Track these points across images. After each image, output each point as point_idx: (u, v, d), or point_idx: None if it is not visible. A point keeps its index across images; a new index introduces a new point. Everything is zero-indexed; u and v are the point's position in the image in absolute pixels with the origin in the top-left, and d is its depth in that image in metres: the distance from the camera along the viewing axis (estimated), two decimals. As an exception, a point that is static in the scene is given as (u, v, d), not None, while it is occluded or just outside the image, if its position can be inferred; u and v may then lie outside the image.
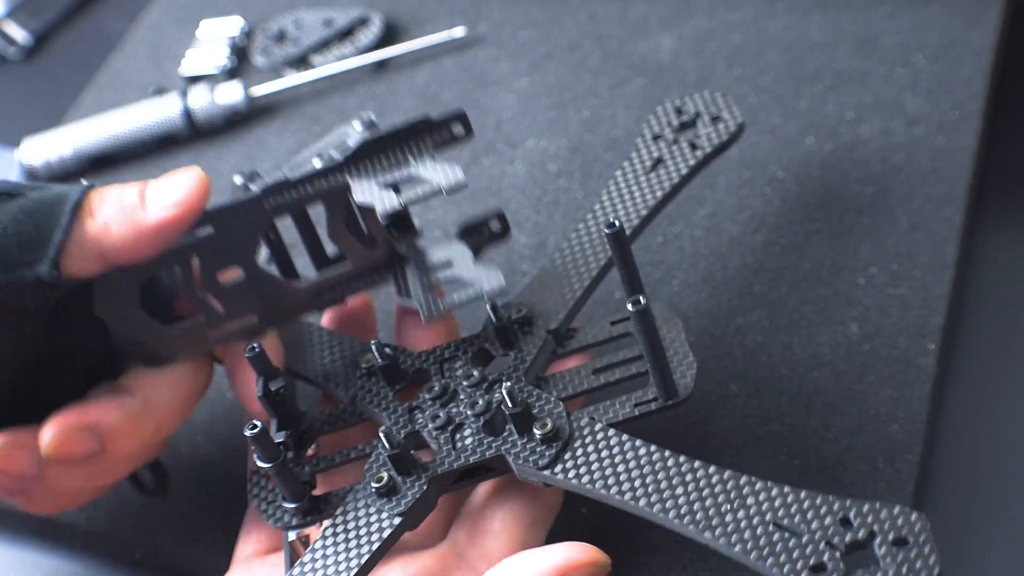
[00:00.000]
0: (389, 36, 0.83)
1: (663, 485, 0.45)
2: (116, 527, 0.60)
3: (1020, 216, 0.68)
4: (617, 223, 0.48)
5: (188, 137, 0.79)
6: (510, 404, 0.48)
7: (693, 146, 0.59)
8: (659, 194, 0.57)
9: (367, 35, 0.82)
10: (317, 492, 0.52)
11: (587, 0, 0.81)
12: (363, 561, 0.47)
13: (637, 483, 0.45)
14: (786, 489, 0.43)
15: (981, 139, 0.68)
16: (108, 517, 0.60)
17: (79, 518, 0.60)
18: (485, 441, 0.49)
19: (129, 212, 0.48)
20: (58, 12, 0.94)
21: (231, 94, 0.79)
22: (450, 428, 0.50)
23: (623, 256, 0.49)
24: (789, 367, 0.59)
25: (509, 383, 0.49)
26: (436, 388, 0.51)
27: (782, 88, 0.72)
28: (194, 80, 0.83)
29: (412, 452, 0.49)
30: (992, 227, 0.67)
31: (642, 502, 0.45)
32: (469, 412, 0.50)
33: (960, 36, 0.73)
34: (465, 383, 0.51)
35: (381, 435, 0.48)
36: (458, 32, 0.80)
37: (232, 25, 0.86)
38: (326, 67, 0.81)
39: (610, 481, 0.46)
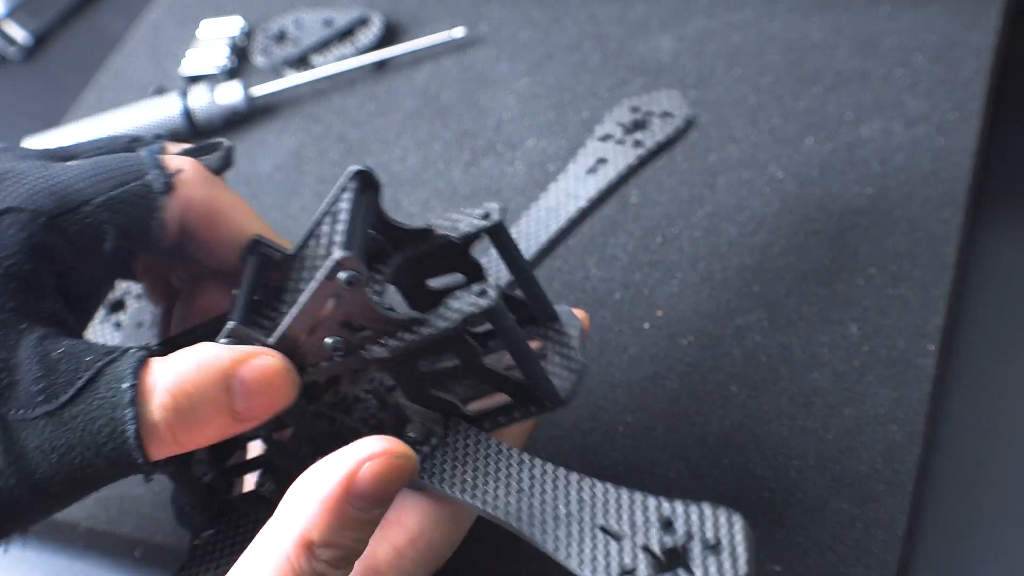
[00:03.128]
0: (389, 36, 0.83)
1: (502, 483, 0.44)
2: (116, 526, 0.60)
3: (1020, 217, 0.68)
4: (496, 216, 0.47)
5: (188, 137, 0.79)
6: (378, 408, 0.47)
7: (638, 143, 0.58)
8: (593, 193, 0.56)
9: (367, 35, 0.82)
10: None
11: (587, 1, 0.81)
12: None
13: (480, 482, 0.44)
14: (617, 490, 0.42)
15: (981, 140, 0.68)
16: (108, 516, 0.60)
17: (79, 516, 0.60)
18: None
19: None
20: (58, 12, 0.94)
21: (231, 94, 0.79)
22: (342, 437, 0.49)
23: (505, 252, 0.49)
24: (788, 367, 0.59)
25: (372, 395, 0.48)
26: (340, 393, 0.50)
27: (782, 89, 0.72)
28: (194, 80, 0.84)
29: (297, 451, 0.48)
30: (992, 228, 0.67)
31: (479, 501, 0.43)
32: (357, 417, 0.49)
33: (960, 37, 0.73)
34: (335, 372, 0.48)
35: (251, 448, 0.48)
36: (458, 32, 0.80)
37: (232, 25, 0.86)
38: (326, 67, 0.81)
39: (466, 485, 0.44)
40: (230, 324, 0.44)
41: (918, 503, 0.56)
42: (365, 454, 0.42)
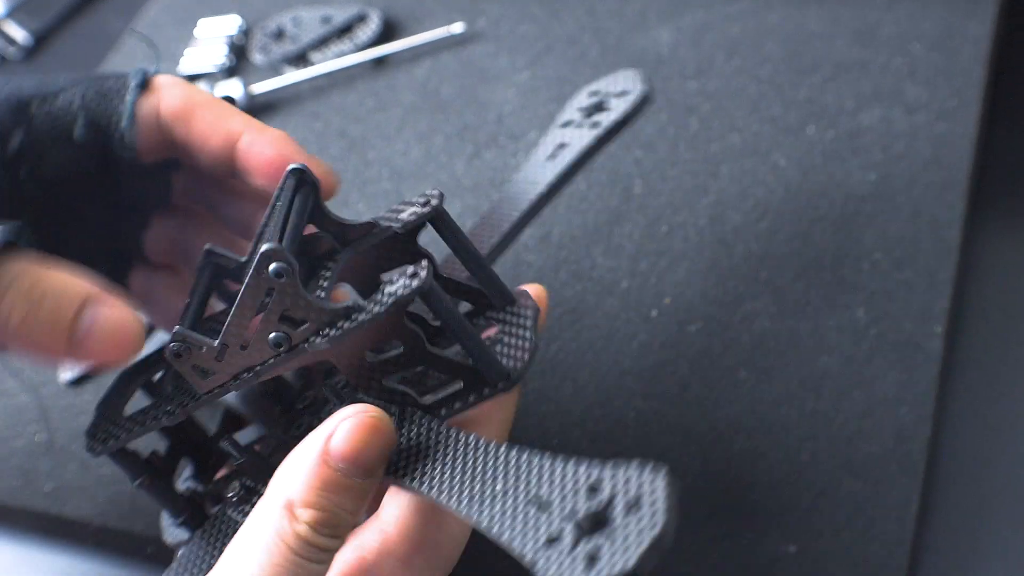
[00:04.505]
0: (387, 33, 0.83)
1: (448, 468, 0.43)
2: (128, 524, 0.60)
3: (1021, 201, 0.68)
4: (435, 202, 0.48)
5: (188, 135, 0.79)
6: (338, 402, 0.47)
7: (595, 125, 0.57)
8: (551, 178, 0.55)
9: (365, 32, 0.83)
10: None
11: (585, -6, 0.81)
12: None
13: (429, 470, 0.43)
14: (553, 461, 0.41)
15: (981, 125, 0.68)
16: (120, 513, 0.60)
17: (91, 515, 0.60)
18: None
19: None
20: (58, 12, 0.94)
21: (230, 92, 0.79)
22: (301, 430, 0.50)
23: (449, 237, 0.49)
24: (796, 352, 0.59)
25: (334, 382, 0.48)
26: (309, 397, 0.51)
27: (782, 78, 0.73)
28: (193, 79, 0.84)
29: (268, 457, 0.49)
30: (994, 212, 0.67)
31: (425, 487, 0.43)
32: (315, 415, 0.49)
33: (957, 25, 0.73)
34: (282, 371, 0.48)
35: (226, 446, 0.47)
36: (457, 28, 0.80)
37: (230, 24, 0.86)
38: (325, 64, 0.81)
39: (423, 475, 0.43)
40: (176, 328, 0.45)
41: (930, 483, 0.56)
42: (340, 417, 0.42)
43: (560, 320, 0.63)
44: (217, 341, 0.45)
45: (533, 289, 0.50)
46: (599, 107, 0.59)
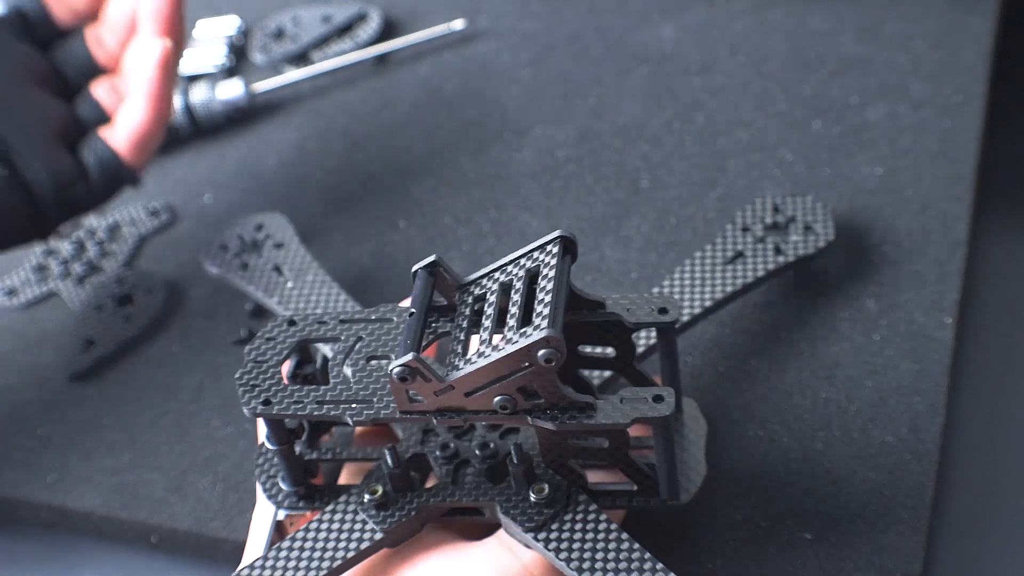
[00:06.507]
0: (388, 31, 0.83)
1: (600, 562, 0.45)
2: (132, 513, 0.59)
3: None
4: (671, 316, 0.48)
5: (190, 134, 0.79)
6: (515, 460, 0.47)
7: (778, 250, 0.59)
8: (728, 289, 0.57)
9: (366, 31, 0.82)
10: (318, 481, 0.52)
11: (586, -7, 0.81)
12: (334, 565, 0.47)
13: (587, 557, 0.45)
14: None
15: (986, 120, 0.68)
16: (123, 503, 0.60)
17: (95, 504, 0.60)
18: (483, 486, 0.48)
19: None
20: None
21: (232, 91, 0.78)
22: (455, 461, 0.49)
23: (667, 350, 0.50)
24: (809, 342, 0.59)
25: (520, 440, 0.49)
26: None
27: (786, 74, 0.73)
28: (193, 79, 0.83)
29: (412, 473, 0.49)
30: (1001, 204, 0.67)
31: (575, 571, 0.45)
32: (477, 452, 0.49)
33: (960, 22, 0.73)
34: (483, 422, 0.50)
35: (385, 451, 0.48)
36: (457, 24, 0.80)
37: (229, 24, 0.86)
38: (326, 63, 0.80)
39: (583, 564, 0.45)
40: (411, 354, 0.44)
41: (944, 471, 0.56)
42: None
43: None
44: (447, 380, 0.44)
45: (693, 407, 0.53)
46: (779, 226, 0.60)
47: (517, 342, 0.43)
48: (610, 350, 0.50)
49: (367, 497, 0.48)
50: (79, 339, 0.66)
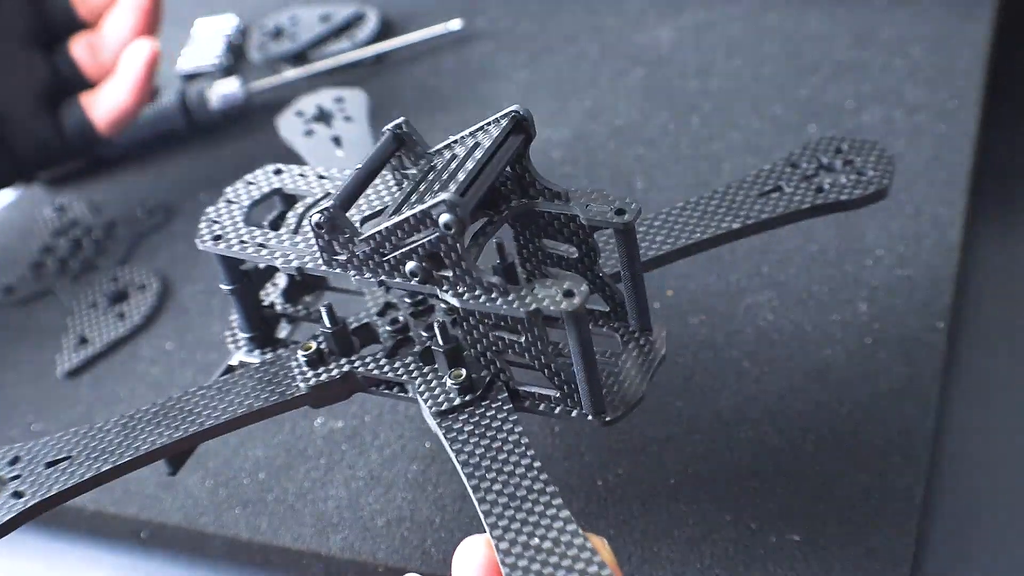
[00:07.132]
0: (385, 32, 0.83)
1: (502, 483, 0.42)
2: (121, 508, 0.59)
3: (1021, 198, 0.68)
4: (628, 217, 0.45)
5: (186, 132, 0.79)
6: (440, 340, 0.46)
7: (820, 189, 0.53)
8: (749, 222, 0.52)
9: (363, 31, 0.83)
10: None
11: (584, -5, 0.81)
12: (255, 407, 0.48)
13: (486, 471, 0.43)
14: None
15: (980, 126, 0.69)
16: (113, 498, 0.60)
17: (85, 500, 0.60)
18: (413, 364, 0.48)
19: None
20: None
21: (229, 89, 0.79)
22: (398, 338, 0.49)
23: (628, 257, 0.47)
24: (800, 345, 0.59)
25: (444, 319, 0.48)
26: (420, 297, 0.50)
27: (782, 78, 0.73)
28: (191, 77, 0.83)
29: (354, 338, 0.49)
30: (995, 209, 0.67)
31: (474, 489, 0.43)
32: (424, 333, 0.48)
33: (955, 28, 0.74)
34: (444, 304, 0.49)
35: (322, 308, 0.48)
36: (454, 25, 0.80)
37: (227, 23, 0.86)
38: (324, 62, 0.81)
39: (471, 459, 0.43)
40: (328, 202, 0.44)
41: (933, 474, 0.56)
42: None
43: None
44: (360, 234, 0.44)
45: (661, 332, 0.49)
46: (831, 168, 0.55)
47: (419, 205, 0.42)
48: (574, 250, 0.48)
49: (300, 352, 0.49)
50: (73, 336, 0.67)
